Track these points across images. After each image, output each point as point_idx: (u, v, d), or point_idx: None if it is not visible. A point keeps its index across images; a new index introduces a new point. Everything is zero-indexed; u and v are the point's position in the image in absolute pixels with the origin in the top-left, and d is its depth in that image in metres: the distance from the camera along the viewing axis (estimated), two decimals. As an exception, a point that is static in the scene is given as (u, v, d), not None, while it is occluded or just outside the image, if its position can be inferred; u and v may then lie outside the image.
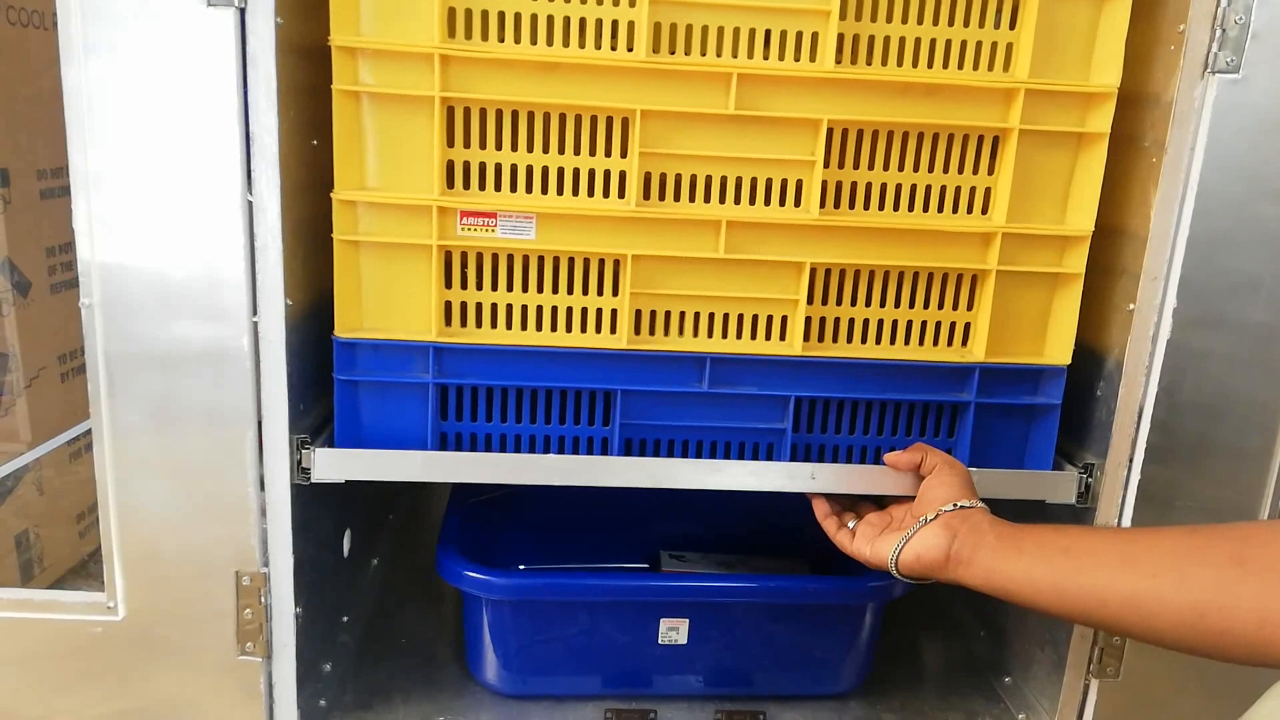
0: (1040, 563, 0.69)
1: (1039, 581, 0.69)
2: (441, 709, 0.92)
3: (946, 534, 0.74)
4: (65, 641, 0.83)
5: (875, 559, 0.78)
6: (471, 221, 0.78)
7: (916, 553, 0.75)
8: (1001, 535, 0.72)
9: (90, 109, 0.72)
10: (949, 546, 0.74)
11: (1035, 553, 0.70)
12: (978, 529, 0.74)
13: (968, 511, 0.76)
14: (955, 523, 0.75)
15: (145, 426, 0.78)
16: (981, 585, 0.73)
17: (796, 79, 0.76)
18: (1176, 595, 0.62)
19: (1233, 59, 0.75)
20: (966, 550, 0.73)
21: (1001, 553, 0.71)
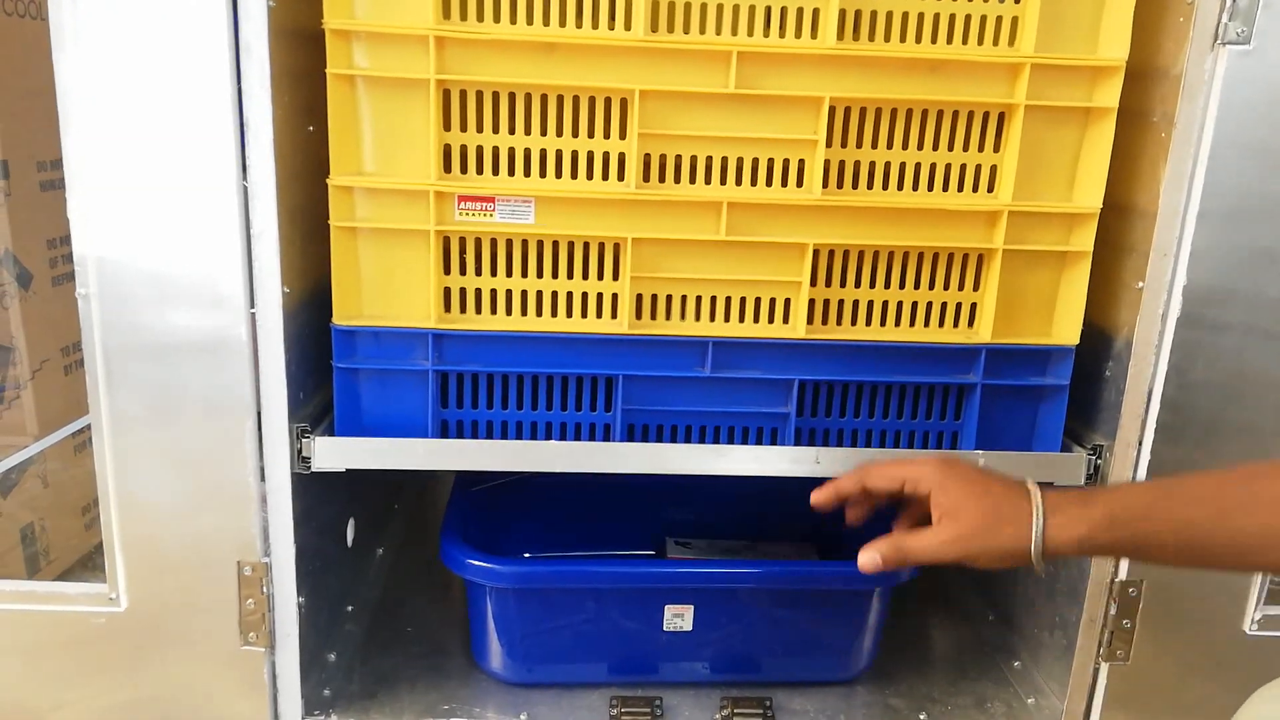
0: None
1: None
2: (447, 698, 0.92)
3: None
4: (69, 633, 0.83)
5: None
6: (470, 206, 0.77)
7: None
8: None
9: (83, 97, 0.72)
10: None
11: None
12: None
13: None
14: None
15: (144, 417, 0.77)
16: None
17: (797, 56, 0.75)
18: None
19: (1243, 30, 0.73)
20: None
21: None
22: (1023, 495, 0.65)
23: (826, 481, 0.75)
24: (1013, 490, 0.66)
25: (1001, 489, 0.66)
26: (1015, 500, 0.65)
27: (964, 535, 0.66)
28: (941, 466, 0.69)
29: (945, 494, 0.67)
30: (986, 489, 0.67)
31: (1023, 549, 0.64)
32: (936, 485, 0.68)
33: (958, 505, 0.67)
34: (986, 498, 0.66)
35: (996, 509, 0.65)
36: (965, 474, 0.68)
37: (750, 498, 1.12)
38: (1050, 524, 0.64)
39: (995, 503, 0.66)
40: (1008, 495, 0.66)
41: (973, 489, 0.67)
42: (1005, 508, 0.65)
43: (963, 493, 0.67)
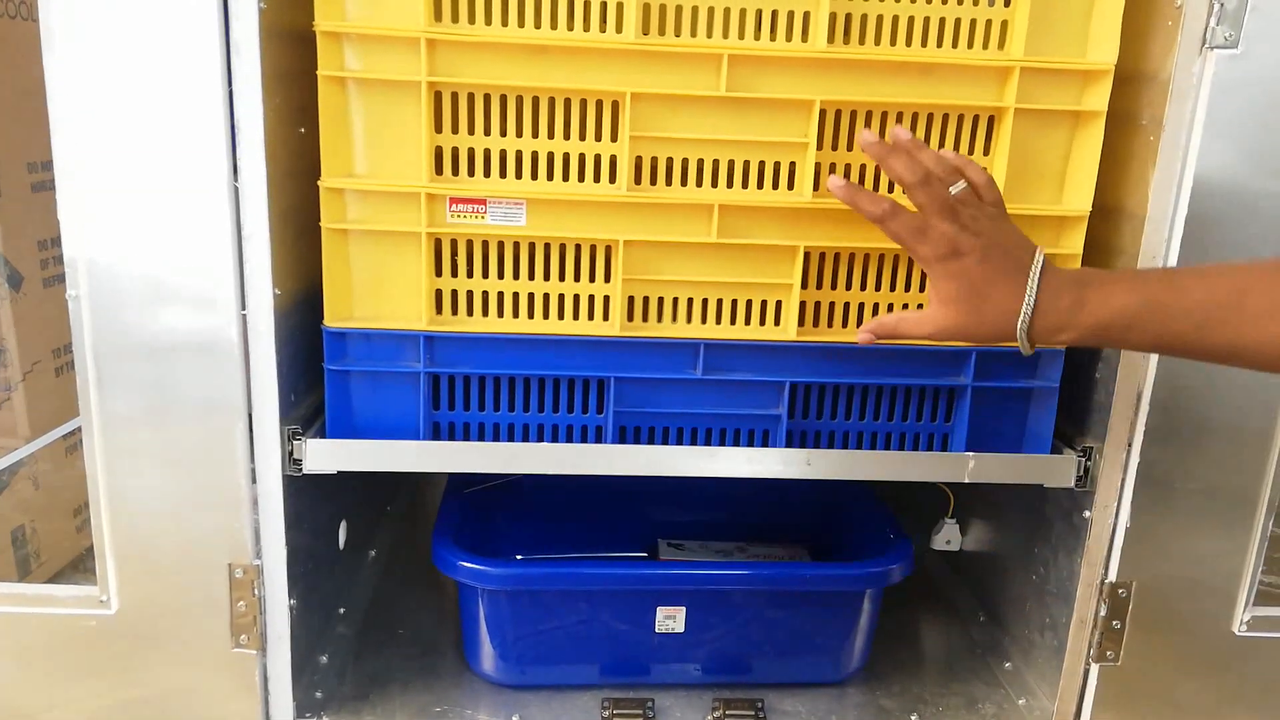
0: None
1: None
2: (439, 699, 0.92)
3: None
4: (60, 635, 0.83)
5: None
6: (461, 208, 0.77)
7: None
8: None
9: (73, 98, 0.72)
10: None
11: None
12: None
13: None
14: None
15: (135, 419, 0.77)
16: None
17: (788, 59, 0.75)
18: None
19: (1231, 34, 0.74)
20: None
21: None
22: (1018, 288, 0.67)
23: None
24: (1011, 280, 0.67)
25: (1001, 280, 0.68)
26: (1009, 292, 0.67)
27: (955, 324, 0.70)
28: (957, 236, 0.68)
29: (950, 265, 0.69)
30: (988, 276, 0.68)
31: (1008, 336, 0.68)
32: (951, 253, 0.69)
33: (957, 289, 0.69)
34: (983, 287, 0.68)
35: (987, 301, 0.68)
36: (969, 256, 0.68)
37: (742, 499, 1.13)
38: (1036, 325, 0.67)
39: (987, 294, 0.68)
40: (1004, 286, 0.68)
41: (975, 278, 0.68)
42: (996, 300, 0.68)
43: (965, 277, 0.69)
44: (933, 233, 0.69)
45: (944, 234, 0.69)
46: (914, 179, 0.69)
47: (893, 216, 0.70)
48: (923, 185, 0.69)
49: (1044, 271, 0.67)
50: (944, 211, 0.69)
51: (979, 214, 0.69)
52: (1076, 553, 0.87)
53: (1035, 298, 0.67)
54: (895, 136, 0.71)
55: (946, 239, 0.69)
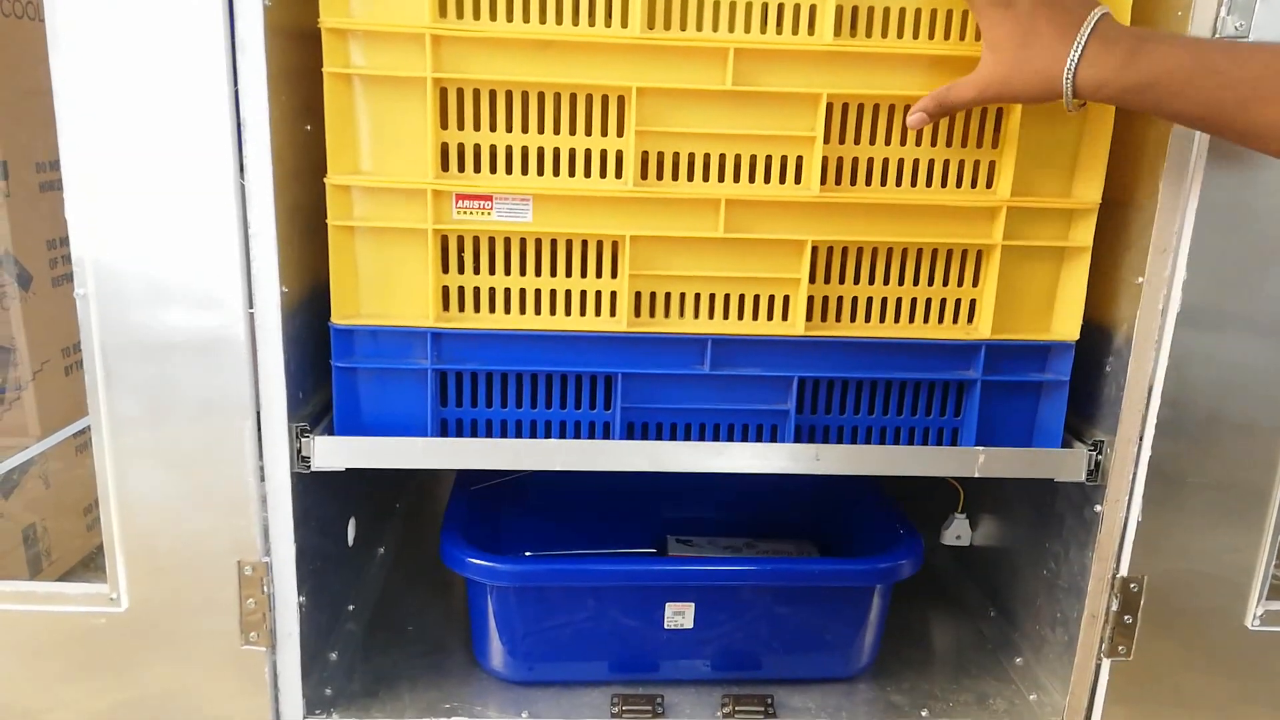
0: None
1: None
2: (448, 696, 0.92)
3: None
4: (69, 633, 0.83)
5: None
6: (467, 204, 0.77)
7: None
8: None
9: (79, 98, 0.72)
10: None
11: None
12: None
13: None
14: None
15: (143, 417, 0.77)
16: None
17: (795, 53, 0.75)
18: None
19: (1241, 23, 0.73)
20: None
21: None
22: (1068, 31, 0.66)
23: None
24: (1062, 25, 0.66)
25: (1051, 26, 0.67)
26: (1059, 35, 0.66)
27: (999, 70, 0.69)
28: (1000, 3, 0.69)
29: (990, 29, 0.69)
30: (1039, 21, 0.67)
31: (1054, 84, 0.67)
32: (985, 19, 0.69)
33: (1005, 33, 0.68)
34: (1032, 31, 0.67)
35: (1035, 46, 0.67)
36: (1019, 13, 0.68)
37: (751, 495, 1.13)
38: (1083, 73, 0.66)
39: (1036, 38, 0.67)
40: (1055, 33, 0.66)
41: (1027, 20, 0.68)
42: (1045, 44, 0.67)
43: (1013, 19, 0.68)
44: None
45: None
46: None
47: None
48: None
49: (1100, 23, 0.66)
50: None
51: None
52: (1088, 547, 0.86)
53: (1085, 43, 0.66)
54: None
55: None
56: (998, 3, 0.69)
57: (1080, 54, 0.66)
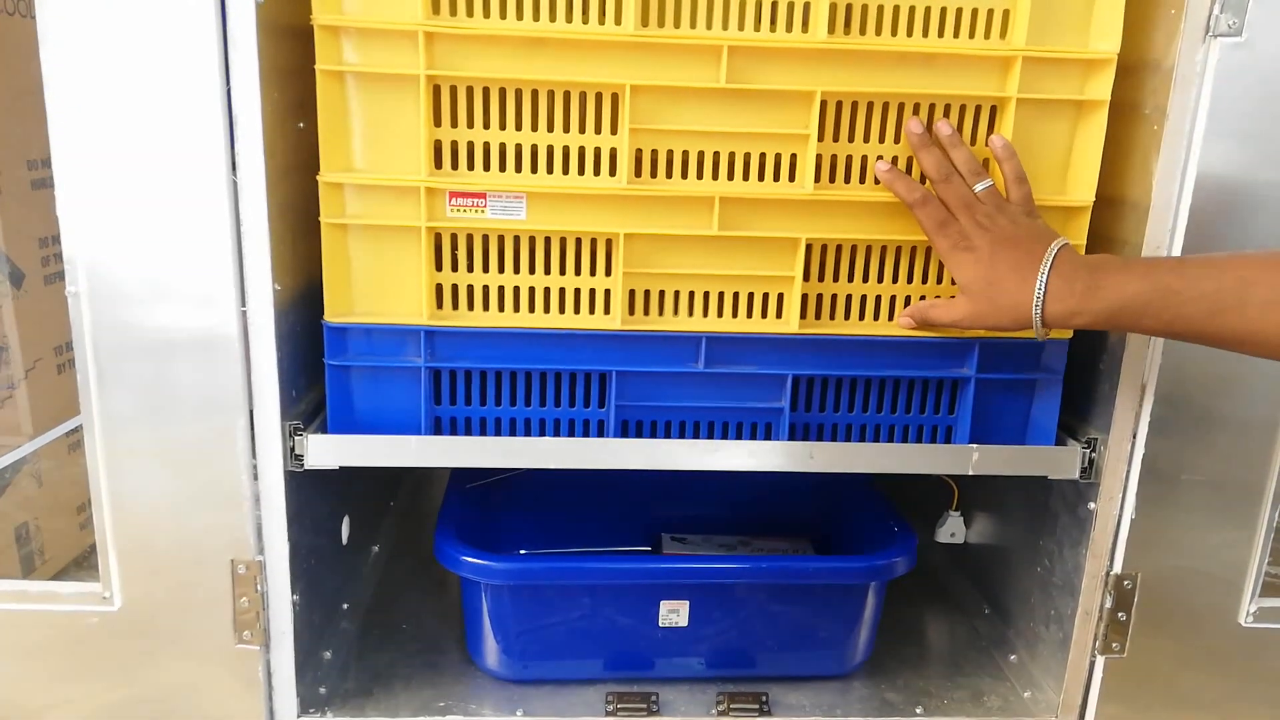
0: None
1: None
2: (442, 695, 0.91)
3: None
4: (63, 632, 0.83)
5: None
6: (461, 202, 0.77)
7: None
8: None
9: (70, 95, 0.71)
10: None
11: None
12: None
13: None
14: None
15: (136, 416, 0.77)
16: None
17: (789, 50, 0.75)
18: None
19: (1234, 22, 0.73)
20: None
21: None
22: (1029, 276, 0.71)
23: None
24: (1021, 271, 0.72)
25: (1013, 273, 0.72)
26: (1020, 280, 0.72)
27: (974, 310, 0.75)
28: (973, 230, 0.74)
29: (966, 257, 0.74)
30: (1000, 270, 0.73)
31: (1025, 322, 0.72)
32: (965, 244, 0.75)
33: (974, 280, 0.74)
34: (997, 280, 0.73)
35: (1000, 291, 0.73)
36: (984, 247, 0.74)
37: (746, 493, 1.13)
38: (1049, 309, 0.71)
39: (1000, 284, 0.73)
40: (1015, 277, 0.72)
41: (987, 269, 0.73)
42: (1009, 290, 0.72)
43: (979, 269, 0.74)
44: (950, 226, 0.75)
45: (959, 229, 0.75)
46: (938, 176, 0.75)
47: (922, 205, 0.76)
48: (945, 182, 0.75)
49: (1057, 259, 0.71)
50: (962, 208, 0.75)
51: (996, 212, 0.74)
52: (1081, 545, 0.86)
53: (1046, 285, 0.71)
54: (937, 130, 0.76)
55: (960, 233, 0.75)
56: (959, 249, 0.75)
57: (1044, 293, 0.71)
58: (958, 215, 0.75)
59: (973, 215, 0.74)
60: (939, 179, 0.75)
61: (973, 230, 0.74)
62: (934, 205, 0.75)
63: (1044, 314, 0.71)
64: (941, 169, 0.75)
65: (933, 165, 0.75)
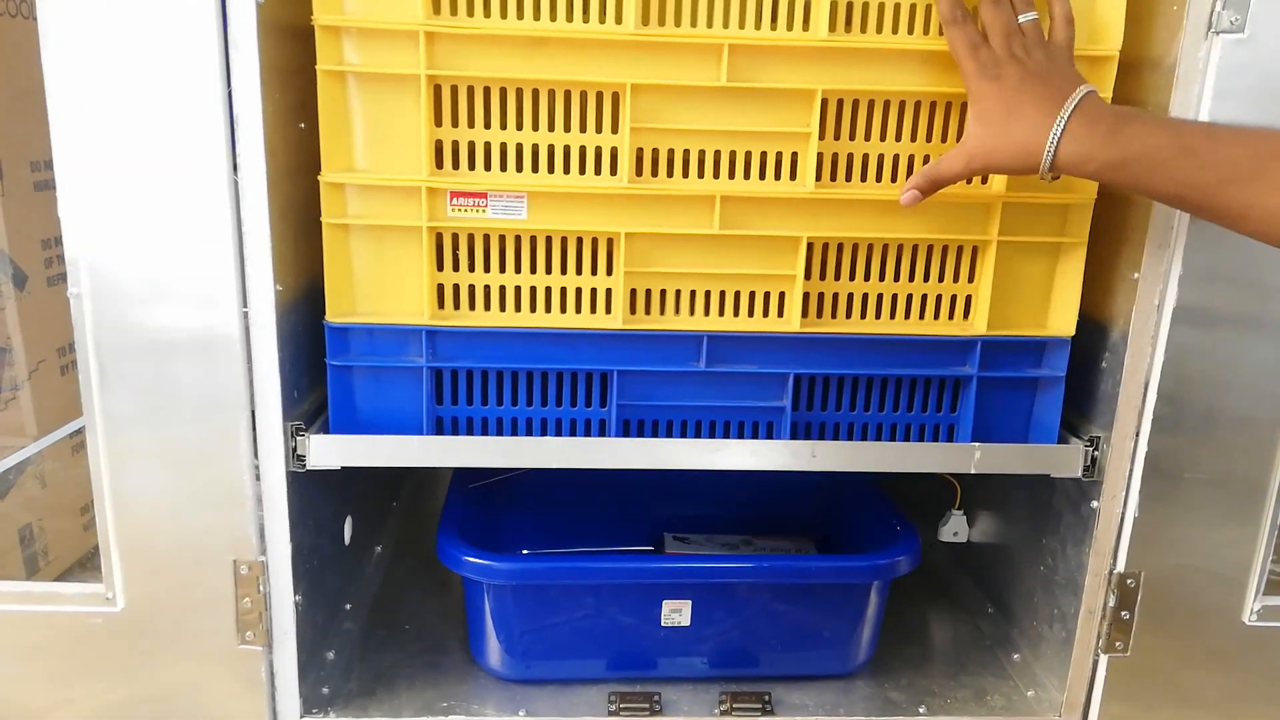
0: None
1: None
2: (445, 695, 0.91)
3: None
4: (66, 633, 0.83)
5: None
6: (462, 202, 0.77)
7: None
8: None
9: (72, 96, 0.71)
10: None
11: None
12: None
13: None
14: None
15: (138, 416, 0.77)
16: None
17: (789, 49, 0.75)
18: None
19: (1237, 18, 0.73)
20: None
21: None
22: (1051, 107, 0.68)
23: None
24: (1045, 103, 0.68)
25: (1034, 106, 0.68)
26: (1042, 111, 0.68)
27: (983, 141, 0.71)
28: (1001, 57, 0.71)
29: (985, 84, 0.70)
30: (1023, 99, 0.69)
31: (1035, 156, 0.68)
32: (985, 70, 0.71)
33: (990, 105, 0.70)
34: (1016, 109, 0.69)
35: (1018, 119, 0.69)
36: (1010, 74, 0.70)
37: (748, 492, 1.13)
38: (1064, 148, 0.67)
39: (1020, 113, 0.69)
40: (1038, 107, 0.68)
41: (1011, 96, 0.69)
42: (1028, 118, 0.68)
43: (1000, 95, 0.70)
44: (982, 51, 0.71)
45: (991, 55, 0.71)
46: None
47: (957, 23, 0.72)
48: (993, 4, 0.71)
49: (1085, 100, 0.67)
50: (1000, 34, 0.71)
51: (1036, 47, 0.71)
52: (1084, 543, 0.86)
53: (1069, 118, 0.67)
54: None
55: (992, 60, 0.70)
56: (987, 75, 0.71)
57: (1063, 129, 0.67)
58: (993, 41, 0.71)
59: (1009, 44, 0.71)
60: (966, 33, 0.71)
61: (1006, 59, 0.70)
62: (970, 26, 0.72)
63: (1057, 152, 0.67)
64: (966, 32, 0.71)
65: (960, 29, 0.72)
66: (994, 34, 0.71)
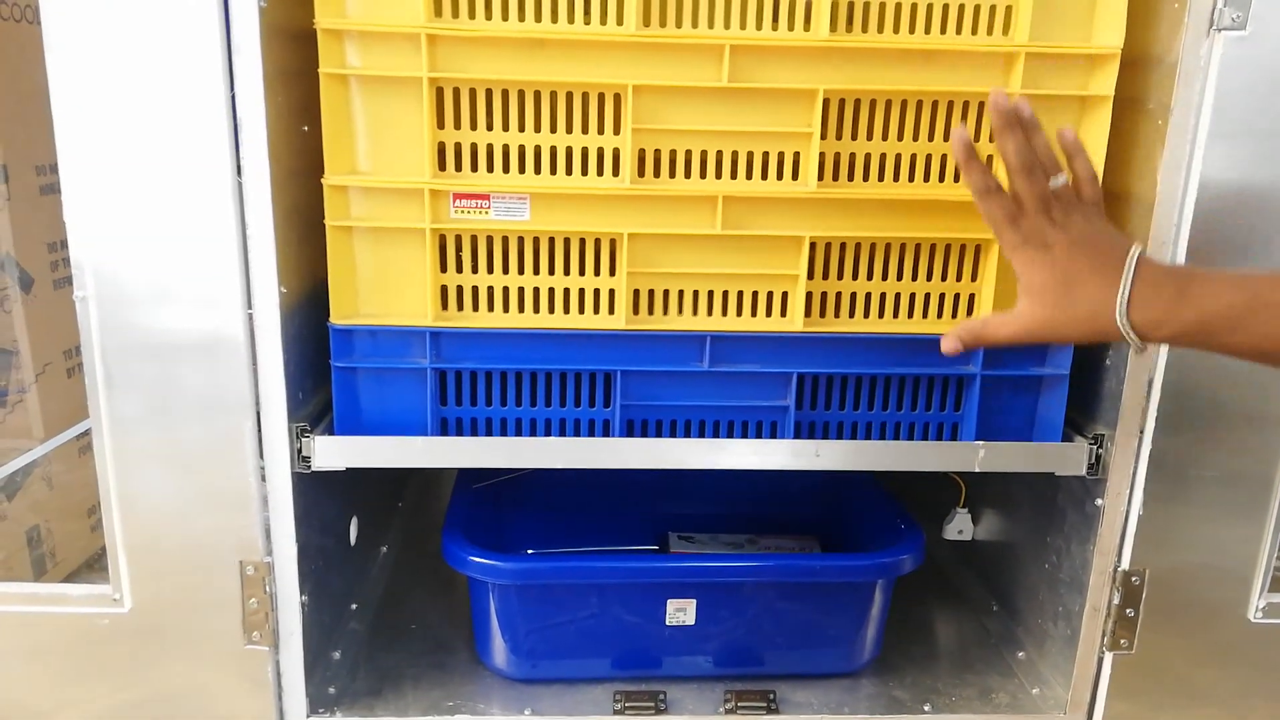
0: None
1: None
2: (451, 694, 0.92)
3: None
4: (74, 634, 0.84)
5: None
6: (465, 204, 0.77)
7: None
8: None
9: (76, 100, 0.72)
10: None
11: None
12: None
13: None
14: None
15: (144, 418, 0.78)
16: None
17: (790, 48, 0.75)
18: None
19: (1238, 15, 0.73)
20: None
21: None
22: (1112, 276, 0.64)
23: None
24: (1103, 271, 0.65)
25: (1094, 273, 0.65)
26: (1102, 282, 0.64)
27: (1042, 316, 0.67)
28: (1048, 226, 0.67)
29: (1039, 255, 0.67)
30: (1078, 268, 0.66)
31: (1104, 329, 0.64)
32: (1033, 240, 0.67)
33: (1047, 279, 0.67)
34: (1071, 277, 0.66)
35: (1078, 291, 0.65)
36: (1060, 242, 0.66)
37: (752, 491, 1.13)
38: (1134, 317, 0.64)
39: (1078, 284, 0.65)
40: (1096, 277, 0.65)
41: (1065, 266, 0.66)
42: (1088, 290, 0.65)
43: (1055, 266, 0.66)
44: (1024, 222, 0.67)
45: (1034, 226, 0.67)
46: (1020, 164, 0.67)
47: (991, 195, 0.68)
48: (1027, 173, 0.67)
49: (1141, 263, 0.64)
50: (1039, 202, 0.67)
51: (1073, 210, 0.67)
52: (1089, 541, 0.86)
53: (1131, 286, 0.64)
54: (1018, 110, 0.67)
55: (1036, 231, 0.67)
56: (1033, 245, 0.67)
57: (1128, 297, 0.64)
58: (1029, 209, 0.67)
59: (1048, 213, 0.67)
60: (1020, 168, 0.67)
61: (1049, 228, 0.67)
62: (1005, 197, 0.68)
63: (1130, 321, 0.63)
64: (1024, 157, 0.66)
65: (1016, 151, 0.67)
66: (1030, 202, 0.67)
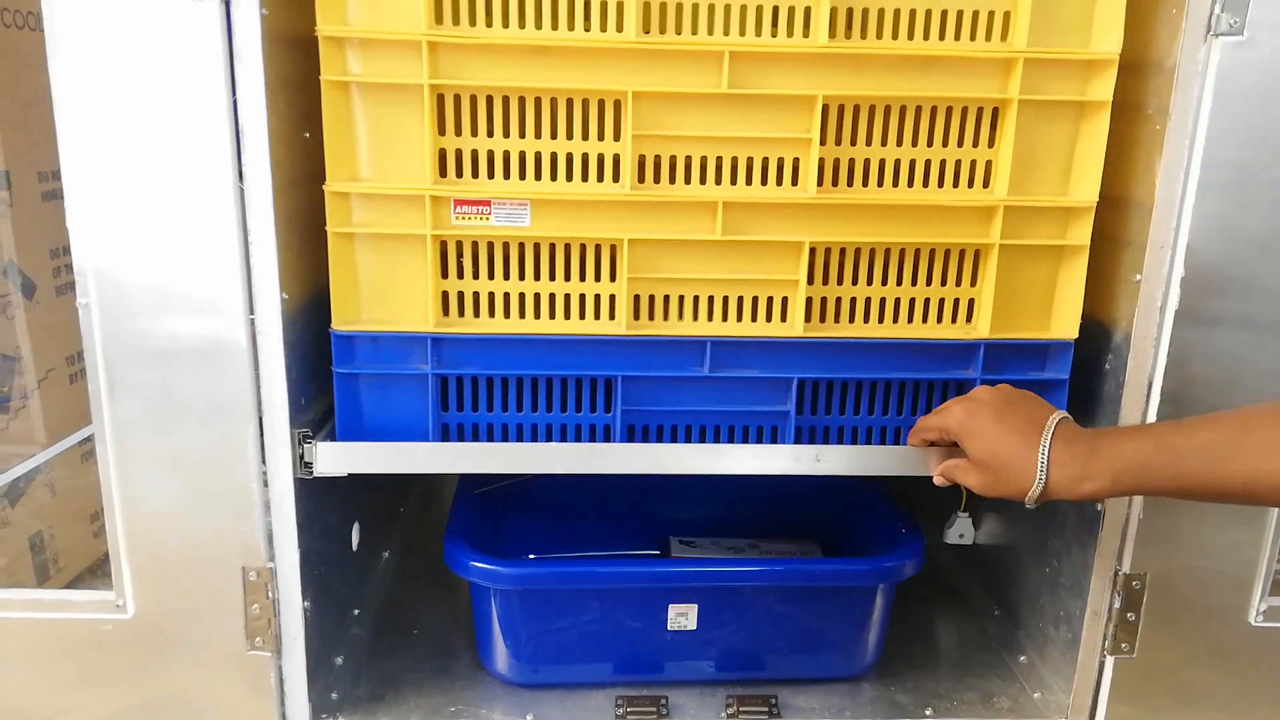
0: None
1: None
2: (453, 700, 0.92)
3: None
4: (77, 640, 0.84)
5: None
6: (466, 210, 0.77)
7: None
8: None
9: (79, 107, 0.72)
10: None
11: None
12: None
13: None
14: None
15: (146, 424, 0.78)
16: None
17: (790, 55, 0.75)
18: None
19: (1236, 21, 0.73)
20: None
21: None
22: (1033, 446, 0.71)
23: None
24: (1026, 440, 0.72)
25: (1016, 441, 0.72)
26: (1025, 453, 0.72)
27: (985, 482, 0.75)
28: (965, 419, 0.75)
29: (969, 443, 0.75)
30: (1003, 442, 0.73)
31: (1030, 495, 0.72)
32: (963, 435, 0.75)
33: (979, 456, 0.74)
34: (1001, 452, 0.73)
35: (1008, 462, 0.73)
36: (984, 426, 0.74)
37: (753, 496, 1.13)
38: (1053, 478, 0.71)
39: (1008, 455, 0.72)
40: (1020, 446, 0.72)
41: (991, 443, 0.74)
42: (1015, 462, 0.72)
43: (982, 446, 0.74)
44: (953, 404, 0.78)
45: (961, 400, 0.77)
46: (937, 425, 0.79)
47: (928, 424, 0.80)
48: (939, 413, 0.78)
49: (1059, 427, 0.71)
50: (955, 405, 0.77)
51: (984, 393, 0.76)
52: (1090, 545, 0.86)
53: (1049, 451, 0.71)
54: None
55: (964, 399, 0.77)
56: (966, 409, 0.75)
57: (1047, 459, 0.71)
58: (952, 405, 0.77)
59: (968, 438, 0.75)
60: (938, 437, 0.79)
61: (976, 396, 0.76)
62: (933, 417, 0.79)
63: (1048, 480, 0.70)
64: (932, 430, 0.79)
65: (926, 432, 0.80)
66: (955, 402, 0.77)
